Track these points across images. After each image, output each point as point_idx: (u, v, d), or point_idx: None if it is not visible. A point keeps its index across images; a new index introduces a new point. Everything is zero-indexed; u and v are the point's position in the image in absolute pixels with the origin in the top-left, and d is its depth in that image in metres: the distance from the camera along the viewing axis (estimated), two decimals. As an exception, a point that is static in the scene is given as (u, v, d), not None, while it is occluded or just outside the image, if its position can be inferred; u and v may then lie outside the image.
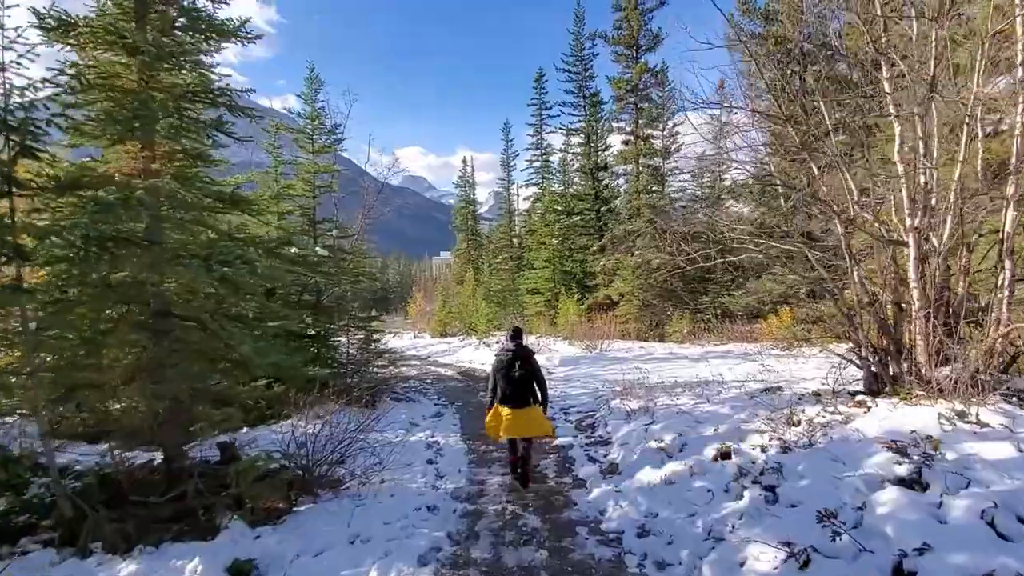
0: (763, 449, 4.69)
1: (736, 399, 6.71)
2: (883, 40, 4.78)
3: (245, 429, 7.43)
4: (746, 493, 3.76)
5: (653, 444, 5.52)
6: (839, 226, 5.82)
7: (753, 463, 4.54)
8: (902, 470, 3.42)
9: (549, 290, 22.69)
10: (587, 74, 24.05)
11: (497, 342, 19.37)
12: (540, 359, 13.10)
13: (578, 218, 24.39)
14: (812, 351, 12.99)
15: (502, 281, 31.06)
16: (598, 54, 24.05)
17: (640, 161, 20.32)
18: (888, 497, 3.04)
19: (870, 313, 5.81)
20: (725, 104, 7.08)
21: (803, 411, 5.29)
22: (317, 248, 9.65)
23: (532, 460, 5.48)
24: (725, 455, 4.73)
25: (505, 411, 5.14)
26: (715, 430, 5.35)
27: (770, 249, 7.83)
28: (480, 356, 17.37)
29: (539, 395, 5.25)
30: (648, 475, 4.96)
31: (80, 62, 4.06)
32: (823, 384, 7.24)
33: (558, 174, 30.18)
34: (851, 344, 6.39)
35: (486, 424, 5.40)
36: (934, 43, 4.58)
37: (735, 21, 15.81)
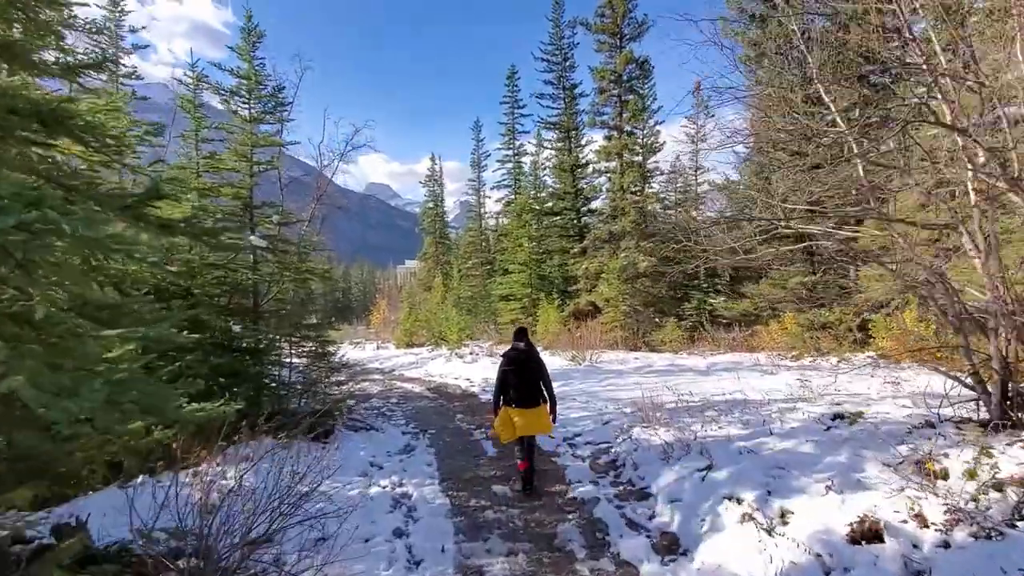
0: (926, 524, 3.01)
1: (807, 429, 5.08)
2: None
3: (141, 478, 5.44)
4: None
5: (731, 508, 3.79)
6: (972, 196, 4.26)
7: (916, 547, 2.87)
8: None
9: (526, 296, 20.91)
10: (567, 64, 22.56)
11: (471, 353, 17.48)
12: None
13: (557, 218, 22.75)
14: (830, 361, 11.68)
15: (473, 287, 29.17)
16: (579, 43, 22.66)
17: (624, 157, 18.90)
18: None
19: (1006, 319, 4.27)
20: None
21: (946, 455, 3.68)
22: (252, 237, 7.60)
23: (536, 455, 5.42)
24: (871, 535, 3.03)
25: (515, 412, 5.02)
26: (827, 486, 3.64)
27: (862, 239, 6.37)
28: (453, 369, 15.43)
29: (547, 395, 5.17)
30: (743, 562, 3.22)
31: None
32: (903, 406, 5.74)
33: (530, 177, 28.65)
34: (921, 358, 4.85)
35: (494, 428, 5.21)
36: None
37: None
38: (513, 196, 29.61)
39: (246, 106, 8.25)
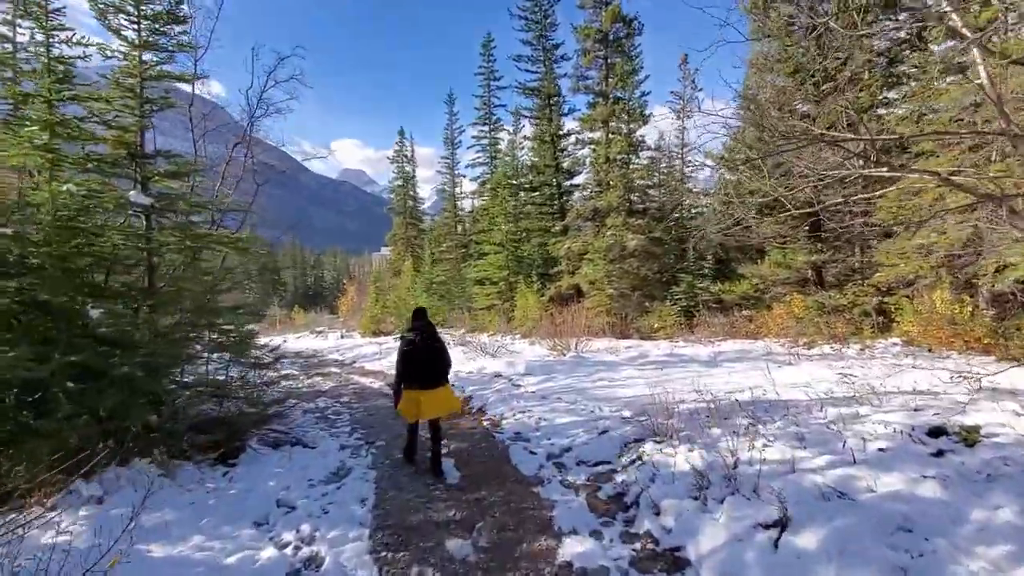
0: None
1: (906, 453, 3.49)
2: None
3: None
4: None
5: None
6: None
7: None
8: None
9: (503, 279, 19.12)
10: (547, 21, 20.51)
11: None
12: (498, 364, 9.56)
13: (536, 194, 20.90)
14: (851, 348, 10.24)
15: (446, 272, 27.29)
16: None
17: (611, 125, 17.15)
18: None
19: None
20: None
21: None
22: (131, 193, 5.67)
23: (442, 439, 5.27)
24: None
25: (419, 393, 4.92)
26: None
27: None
28: (419, 361, 13.66)
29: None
30: None
31: None
32: (1017, 413, 4.20)
33: (507, 158, 26.75)
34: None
35: (400, 410, 5.12)
36: None
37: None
38: (489, 174, 27.77)
39: (133, 25, 6.30)
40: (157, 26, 6.39)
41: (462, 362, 12.08)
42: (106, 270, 5.83)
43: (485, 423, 6.91)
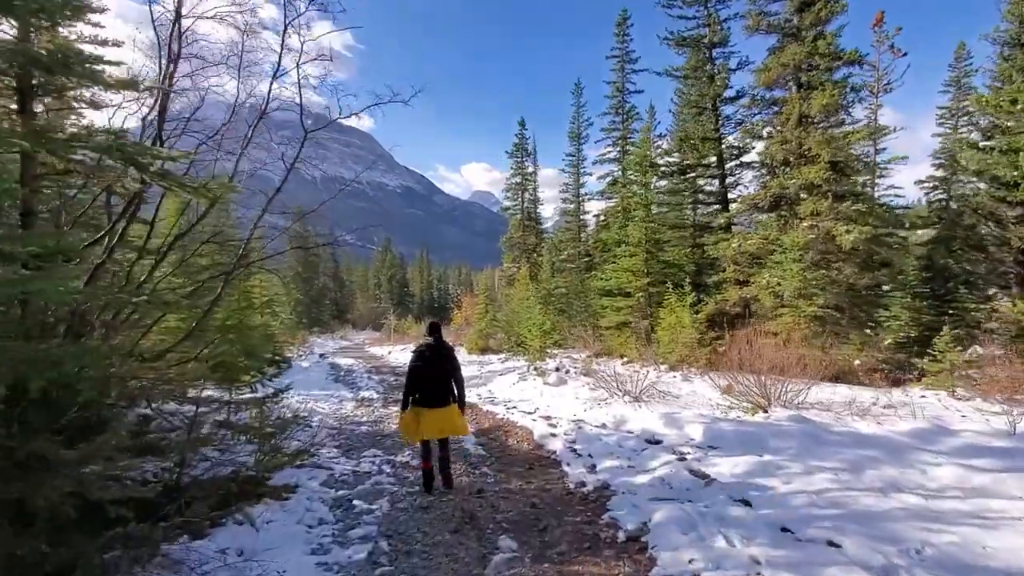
0: None
1: None
2: None
3: None
4: None
5: None
6: None
7: None
8: None
9: (641, 289, 14.42)
10: (713, -55, 15.67)
11: (558, 369, 11.72)
12: (650, 417, 4.95)
13: (689, 176, 15.96)
14: None
15: (567, 282, 23.25)
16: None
17: (804, 73, 12.01)
18: None
19: None
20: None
21: None
22: None
23: (451, 460, 4.96)
24: None
25: (424, 411, 4.67)
26: None
27: None
28: (526, 394, 9.77)
29: (457, 394, 4.81)
30: None
31: None
32: None
33: (644, 154, 22.22)
34: None
35: (402, 427, 4.88)
36: None
37: None
38: (619, 171, 23.50)
39: None
40: None
41: (586, 404, 7.95)
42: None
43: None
